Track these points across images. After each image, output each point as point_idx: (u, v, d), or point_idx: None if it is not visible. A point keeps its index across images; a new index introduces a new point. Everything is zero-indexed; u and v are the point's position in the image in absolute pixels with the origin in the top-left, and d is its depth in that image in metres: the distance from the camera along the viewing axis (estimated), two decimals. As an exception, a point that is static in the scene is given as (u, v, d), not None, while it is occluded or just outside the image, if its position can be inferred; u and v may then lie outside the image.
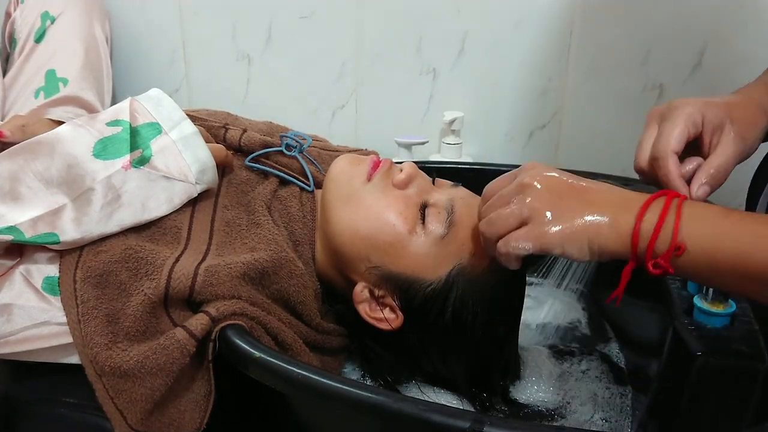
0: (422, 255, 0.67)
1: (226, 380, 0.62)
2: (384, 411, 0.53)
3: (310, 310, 0.69)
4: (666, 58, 1.02)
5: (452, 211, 0.69)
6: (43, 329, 0.62)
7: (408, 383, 0.73)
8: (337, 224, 0.70)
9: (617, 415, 0.71)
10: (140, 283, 0.63)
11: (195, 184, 0.69)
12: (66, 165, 0.65)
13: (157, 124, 0.70)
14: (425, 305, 0.68)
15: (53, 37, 1.04)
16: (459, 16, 1.07)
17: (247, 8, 1.15)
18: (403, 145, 1.11)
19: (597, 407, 0.72)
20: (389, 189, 0.70)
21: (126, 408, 0.60)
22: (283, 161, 0.81)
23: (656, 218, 0.50)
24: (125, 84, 1.22)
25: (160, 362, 0.59)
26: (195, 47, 1.21)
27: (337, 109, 1.19)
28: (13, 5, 1.08)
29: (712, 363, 0.57)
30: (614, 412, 0.72)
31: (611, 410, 0.72)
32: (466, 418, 0.51)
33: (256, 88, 1.21)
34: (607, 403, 0.73)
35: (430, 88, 1.13)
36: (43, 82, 1.00)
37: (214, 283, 0.62)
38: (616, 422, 0.71)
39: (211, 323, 0.61)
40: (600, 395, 0.74)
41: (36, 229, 0.63)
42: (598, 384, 0.75)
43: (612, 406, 0.72)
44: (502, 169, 0.98)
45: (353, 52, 1.14)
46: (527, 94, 1.10)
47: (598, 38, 1.04)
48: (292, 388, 0.59)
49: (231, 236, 0.70)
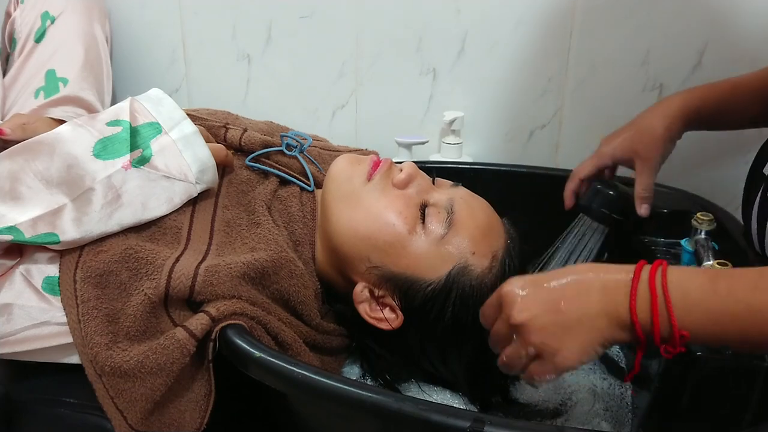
0: (422, 255, 0.67)
1: (226, 380, 0.62)
2: (384, 411, 0.53)
3: (310, 310, 0.69)
4: (666, 58, 1.02)
5: (452, 211, 0.69)
6: (43, 329, 0.62)
7: (408, 383, 0.73)
8: (337, 224, 0.70)
9: (617, 405, 0.72)
10: (140, 283, 0.63)
11: (195, 184, 0.69)
12: (66, 165, 0.65)
13: (157, 124, 0.70)
14: (425, 305, 0.68)
15: (53, 37, 1.04)
16: (459, 16, 1.07)
17: (247, 8, 1.15)
18: (403, 145, 1.11)
19: (597, 398, 0.72)
20: (389, 189, 0.70)
21: (126, 408, 0.60)
22: (284, 161, 0.81)
23: (649, 312, 0.50)
24: (125, 84, 1.22)
25: (160, 362, 0.59)
26: (195, 47, 1.21)
27: (337, 109, 1.19)
28: (13, 5, 1.08)
29: (712, 363, 0.57)
30: (614, 402, 0.72)
31: (611, 400, 0.73)
32: (466, 418, 0.51)
33: (256, 88, 1.21)
34: (606, 394, 0.73)
35: (430, 88, 1.13)
36: (43, 82, 1.00)
37: (214, 282, 0.62)
38: (617, 411, 0.71)
39: (211, 323, 0.61)
40: (599, 386, 0.74)
41: (36, 229, 0.63)
42: (594, 376, 0.76)
43: (612, 396, 0.73)
44: (502, 169, 0.99)
45: (353, 52, 1.14)
46: (527, 94, 1.10)
47: (598, 38, 1.04)
48: (292, 388, 0.59)
49: (231, 236, 0.70)
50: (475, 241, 0.68)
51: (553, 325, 0.53)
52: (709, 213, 0.76)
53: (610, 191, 0.80)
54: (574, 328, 0.53)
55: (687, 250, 0.78)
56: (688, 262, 0.79)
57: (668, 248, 0.83)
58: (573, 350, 0.53)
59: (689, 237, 0.78)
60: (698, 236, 0.76)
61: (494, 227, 0.71)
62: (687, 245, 0.78)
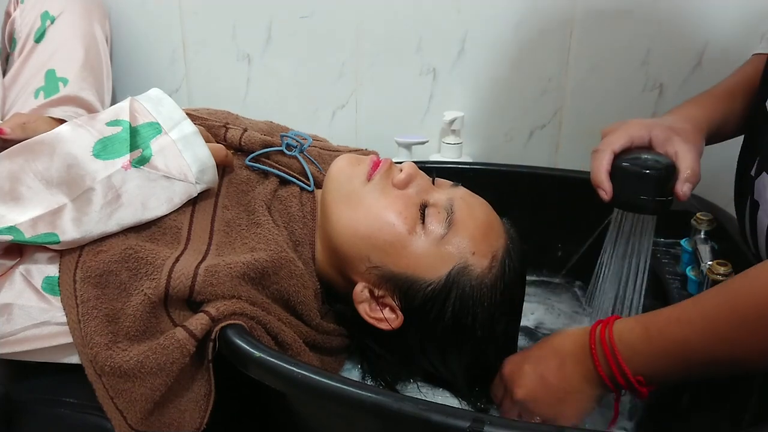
0: (422, 255, 0.67)
1: (225, 380, 0.62)
2: (384, 411, 0.53)
3: (310, 310, 0.69)
4: (666, 58, 1.02)
5: (452, 211, 0.69)
6: (43, 329, 0.62)
7: (408, 383, 0.73)
8: (336, 224, 0.70)
9: None
10: (140, 283, 0.63)
11: (195, 184, 0.69)
12: (66, 165, 0.65)
13: (156, 124, 0.70)
14: (425, 305, 0.68)
15: (53, 37, 1.04)
16: (459, 16, 1.07)
17: (247, 8, 1.15)
18: (403, 145, 1.11)
19: None
20: (389, 189, 0.70)
21: (126, 408, 0.60)
22: (284, 161, 0.81)
23: (609, 367, 0.58)
24: (125, 84, 1.22)
25: (160, 362, 0.59)
26: (195, 47, 1.21)
27: (337, 109, 1.19)
28: (13, 5, 1.08)
29: (712, 363, 0.57)
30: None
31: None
32: (465, 418, 0.51)
33: (256, 88, 1.21)
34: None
35: (430, 88, 1.13)
36: (42, 82, 1.00)
37: (214, 282, 0.62)
38: None
39: (211, 323, 0.61)
40: None
41: (36, 229, 0.63)
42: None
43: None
44: (501, 169, 0.99)
45: (353, 52, 1.14)
46: (527, 94, 1.10)
47: (598, 38, 1.04)
48: (292, 388, 0.59)
49: (231, 236, 0.70)
50: (475, 241, 0.68)
51: (547, 398, 0.62)
52: (709, 213, 0.76)
53: (645, 170, 0.63)
54: (565, 399, 0.62)
55: (686, 250, 0.79)
56: (688, 261, 0.79)
57: (668, 248, 0.83)
58: (570, 415, 0.62)
59: (689, 237, 0.78)
60: (698, 236, 0.76)
61: (494, 227, 0.71)
62: (687, 245, 0.78)
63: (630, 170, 0.63)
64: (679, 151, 0.65)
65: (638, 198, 0.63)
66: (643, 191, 0.63)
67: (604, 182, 0.65)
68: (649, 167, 0.63)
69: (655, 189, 0.63)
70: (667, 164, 0.64)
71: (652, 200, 0.63)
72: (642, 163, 0.64)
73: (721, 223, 0.76)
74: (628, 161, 0.64)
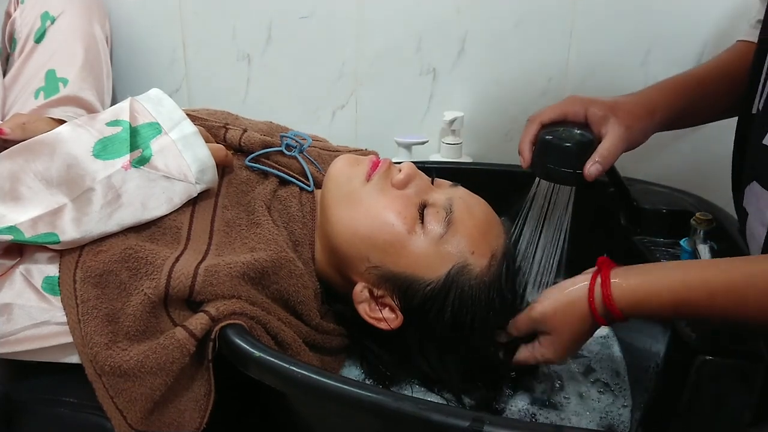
0: (421, 254, 0.67)
1: (226, 380, 0.63)
2: (384, 411, 0.53)
3: (310, 310, 0.69)
4: (666, 58, 1.02)
5: (451, 211, 0.69)
6: (43, 329, 0.62)
7: (407, 383, 0.73)
8: (336, 224, 0.70)
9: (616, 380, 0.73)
10: (140, 283, 0.63)
11: (195, 184, 0.70)
12: (66, 165, 0.65)
13: (156, 124, 0.70)
14: (424, 305, 0.68)
15: (53, 38, 1.04)
16: (459, 16, 1.07)
17: (247, 8, 1.15)
18: (403, 145, 1.11)
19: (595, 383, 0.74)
20: (388, 189, 0.70)
21: (126, 407, 0.60)
22: (283, 161, 0.81)
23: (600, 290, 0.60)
24: (125, 84, 1.22)
25: (160, 362, 0.59)
26: (195, 47, 1.21)
27: (337, 109, 1.19)
28: (13, 5, 1.08)
29: (712, 362, 0.57)
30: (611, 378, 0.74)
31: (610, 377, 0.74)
32: (465, 418, 0.51)
33: (256, 88, 1.21)
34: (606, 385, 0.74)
35: (430, 88, 1.13)
36: (43, 82, 1.00)
37: (214, 282, 0.62)
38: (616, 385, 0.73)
39: (211, 323, 0.61)
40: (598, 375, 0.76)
41: (36, 229, 0.63)
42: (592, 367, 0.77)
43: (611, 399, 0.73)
44: (501, 169, 0.99)
45: (353, 52, 1.14)
46: (527, 94, 1.10)
47: (598, 38, 1.04)
48: (291, 388, 0.59)
49: (231, 236, 0.70)
50: (474, 241, 0.68)
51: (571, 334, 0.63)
52: (708, 213, 0.76)
53: (565, 143, 0.66)
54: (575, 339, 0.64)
55: (686, 249, 0.79)
56: (688, 261, 0.79)
57: (667, 248, 0.83)
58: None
59: (688, 237, 0.78)
60: (697, 236, 0.76)
61: (493, 227, 0.71)
62: (686, 245, 0.78)
63: (545, 141, 0.68)
64: (608, 132, 0.68)
65: (552, 168, 0.68)
66: (555, 162, 0.68)
67: (525, 151, 0.71)
68: (564, 140, 0.67)
69: (566, 161, 0.67)
70: (582, 140, 0.67)
71: (564, 171, 0.67)
72: (559, 135, 0.68)
73: (720, 223, 0.76)
74: (549, 133, 0.68)
